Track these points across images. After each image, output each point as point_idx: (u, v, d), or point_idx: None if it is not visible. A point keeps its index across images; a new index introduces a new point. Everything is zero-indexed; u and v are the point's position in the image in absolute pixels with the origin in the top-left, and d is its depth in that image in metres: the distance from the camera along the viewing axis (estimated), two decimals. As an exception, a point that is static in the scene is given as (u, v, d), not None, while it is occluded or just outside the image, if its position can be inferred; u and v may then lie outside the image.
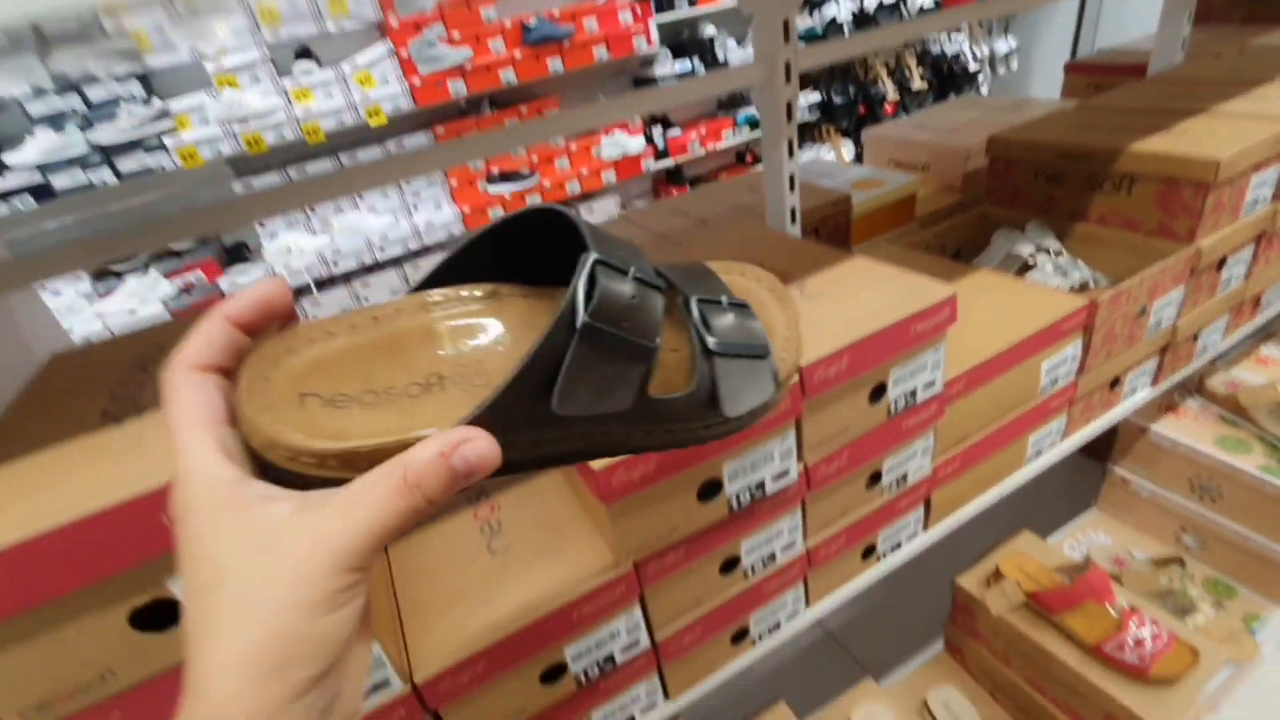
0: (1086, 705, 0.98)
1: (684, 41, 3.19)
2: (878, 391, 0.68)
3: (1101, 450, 1.48)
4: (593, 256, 0.26)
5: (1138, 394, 1.07)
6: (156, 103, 2.46)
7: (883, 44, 1.07)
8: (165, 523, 0.38)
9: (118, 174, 2.48)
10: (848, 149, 3.52)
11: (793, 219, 1.11)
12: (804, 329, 0.64)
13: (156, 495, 0.38)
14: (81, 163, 2.43)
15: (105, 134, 2.40)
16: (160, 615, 0.42)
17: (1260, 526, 1.19)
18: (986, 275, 0.96)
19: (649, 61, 3.15)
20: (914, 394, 0.71)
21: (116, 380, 0.51)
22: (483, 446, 0.24)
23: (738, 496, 0.62)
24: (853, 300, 0.67)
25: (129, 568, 0.39)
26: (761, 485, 0.63)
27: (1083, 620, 1.01)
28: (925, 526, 0.89)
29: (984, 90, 3.81)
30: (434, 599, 0.61)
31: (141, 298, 2.67)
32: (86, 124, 2.42)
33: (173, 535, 0.23)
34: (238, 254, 2.88)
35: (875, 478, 0.76)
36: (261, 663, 0.21)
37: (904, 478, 0.79)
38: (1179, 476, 1.28)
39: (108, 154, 2.45)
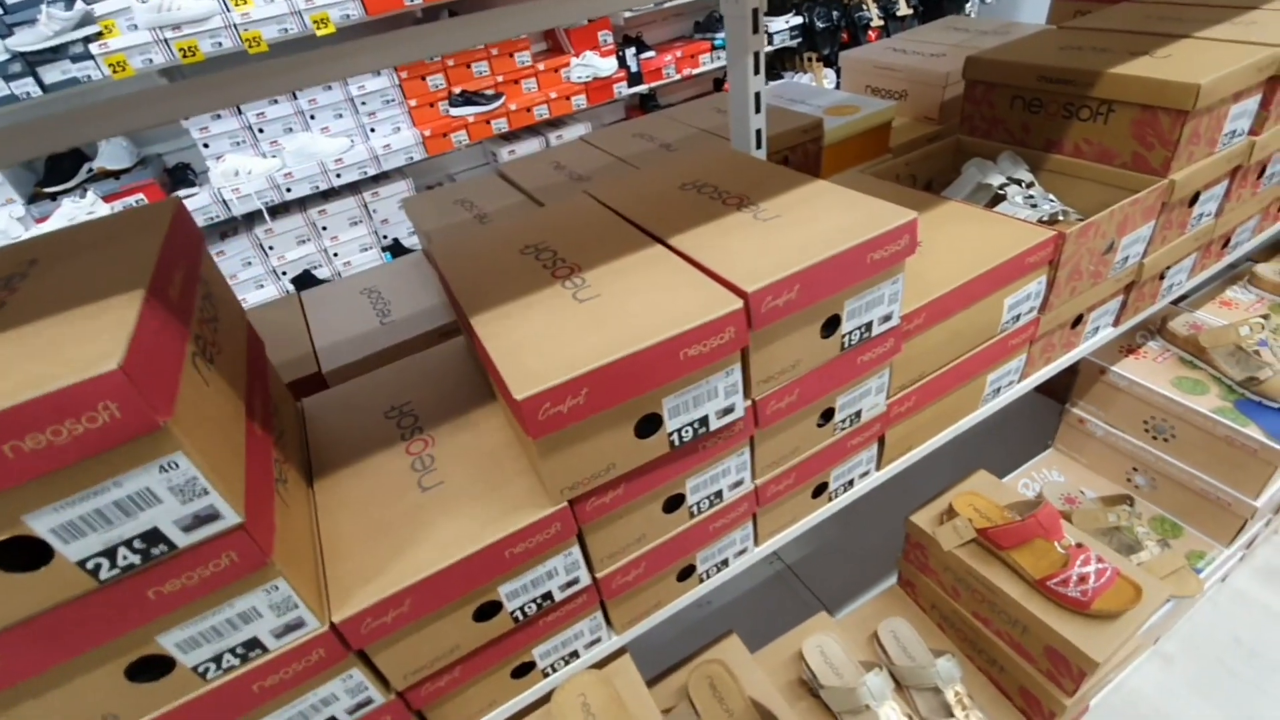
0: (1028, 637, 1.00)
1: (660, -46, 2.97)
2: (831, 324, 0.65)
3: (1060, 392, 1.49)
4: None
5: (1099, 334, 1.06)
6: (80, 6, 2.24)
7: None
8: (7, 453, 0.33)
9: (42, 85, 2.28)
10: (829, 79, 3.39)
11: (759, 143, 1.05)
12: (755, 255, 0.60)
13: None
14: (2, 72, 2.23)
15: (25, 40, 2.19)
16: (24, 554, 0.38)
17: (1209, 468, 1.21)
18: (955, 206, 0.92)
19: (622, -24, 2.94)
20: (869, 327, 0.68)
21: (-27, 298, 0.45)
22: None
23: (679, 433, 0.59)
24: (809, 224, 0.63)
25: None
26: (705, 421, 0.60)
27: (1030, 556, 1.03)
28: (878, 466, 0.87)
29: (972, 14, 3.67)
30: (358, 535, 0.58)
31: (78, 222, 2.51)
32: (5, 30, 2.20)
33: None
34: (182, 176, 2.70)
35: (827, 415, 0.74)
36: None
37: (857, 415, 0.77)
38: (1134, 417, 1.29)
39: (29, 62, 2.24)
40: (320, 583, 0.54)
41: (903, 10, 3.40)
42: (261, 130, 2.65)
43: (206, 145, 2.61)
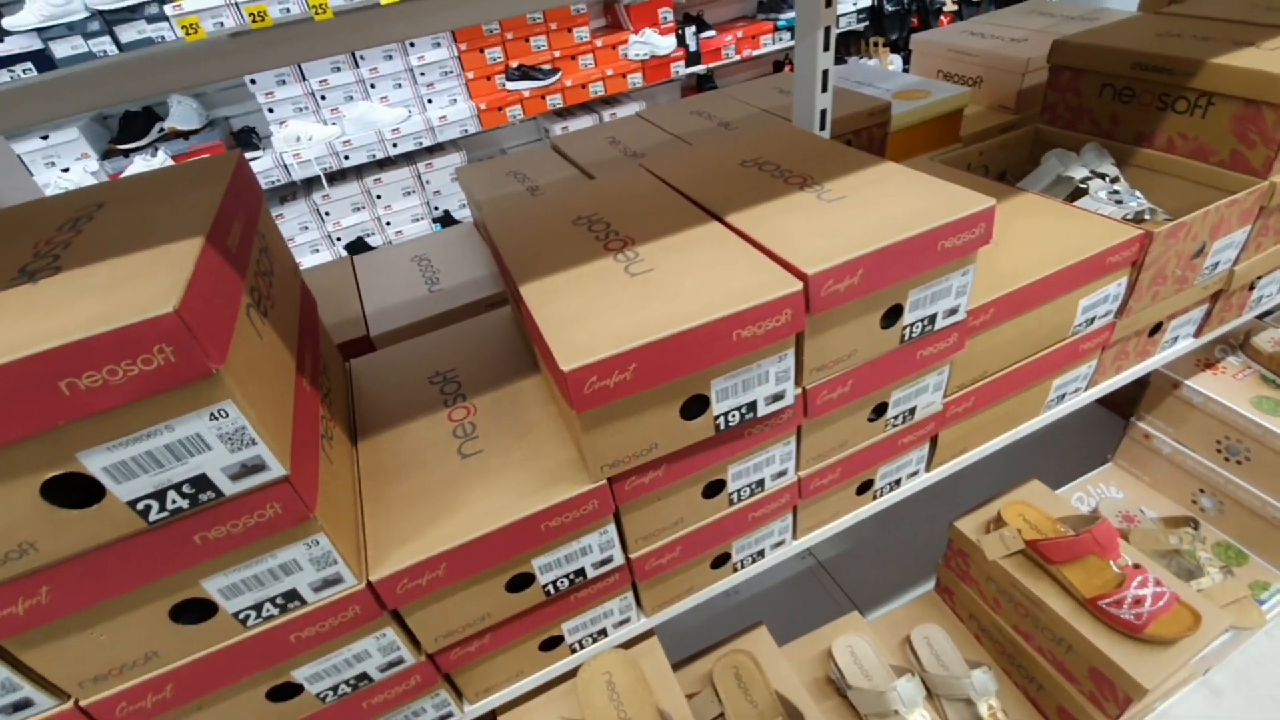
0: (1072, 656, 0.96)
1: (727, -69, 2.89)
2: (892, 314, 0.61)
3: (1123, 405, 1.41)
4: None
5: (1178, 344, 0.99)
6: (157, -34, 2.30)
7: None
8: (64, 390, 0.34)
9: (118, 44, 2.36)
10: (895, 65, 3.26)
11: (822, 124, 1.01)
12: (817, 236, 0.57)
13: (53, 355, 0.33)
14: (81, 30, 2.32)
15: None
16: (77, 491, 0.39)
17: (1284, 492, 1.13)
18: (1032, 198, 0.86)
19: (687, -49, 2.88)
20: (933, 320, 0.64)
21: (45, 237, 0.46)
22: None
23: (726, 417, 0.57)
24: (876, 207, 0.59)
25: (26, 435, 0.35)
26: (753, 406, 0.58)
27: (1081, 573, 0.98)
28: (928, 467, 0.84)
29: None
30: (398, 497, 0.58)
31: (149, 181, 2.61)
32: (85, -13, 2.28)
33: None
34: (246, 140, 2.78)
35: (880, 409, 0.71)
36: None
37: (911, 412, 0.73)
38: (1206, 436, 1.21)
39: (108, 21, 2.32)
40: (360, 541, 0.55)
41: (979, -6, 3.24)
42: (324, 97, 2.70)
43: (271, 110, 2.67)
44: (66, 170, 2.56)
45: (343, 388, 0.71)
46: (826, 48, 0.92)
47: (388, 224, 2.98)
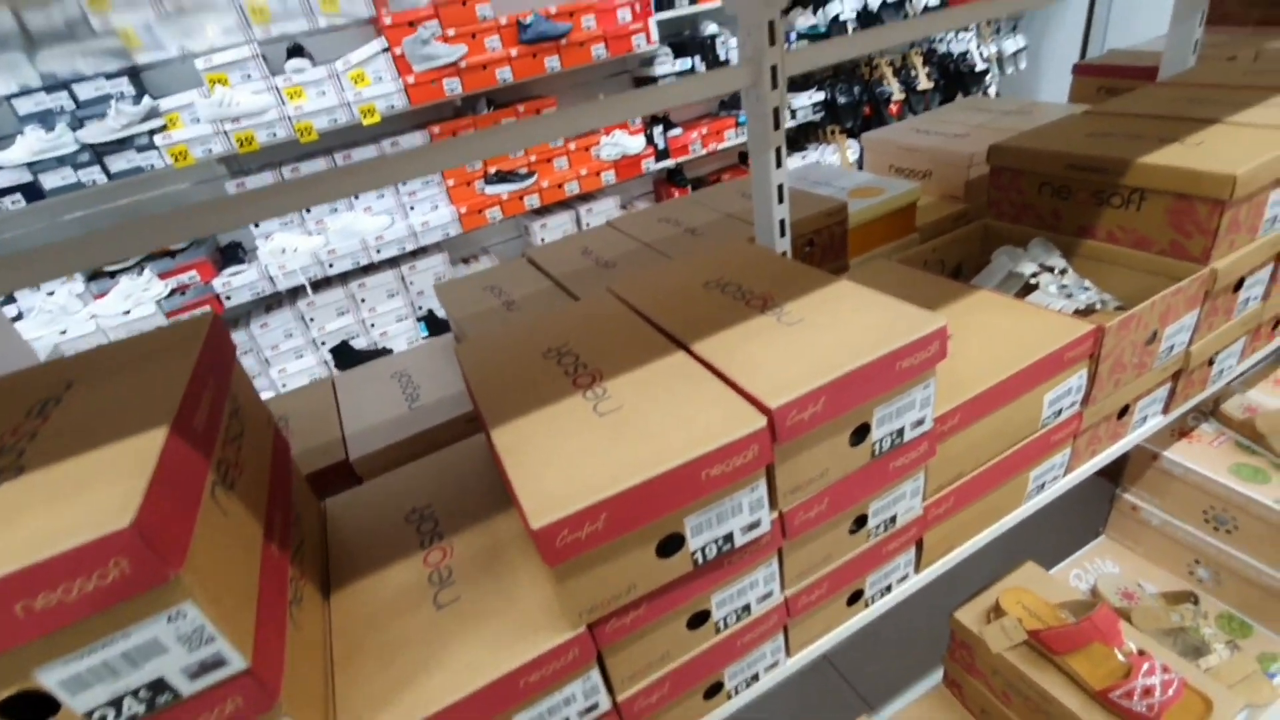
0: (1089, 754, 0.92)
1: (685, 40, 3.12)
2: (860, 432, 0.62)
3: (1112, 469, 1.41)
4: None
5: (1148, 422, 1.01)
6: (147, 101, 2.42)
7: (880, 45, 1.01)
8: (19, 612, 0.33)
9: (108, 173, 2.45)
10: (853, 150, 3.45)
11: (782, 231, 1.05)
12: (779, 364, 0.59)
13: (9, 580, 0.33)
14: (71, 162, 2.40)
15: (95, 132, 2.37)
16: (30, 705, 0.37)
17: (1277, 561, 1.12)
18: (986, 296, 0.90)
19: (649, 60, 3.09)
20: (901, 433, 0.65)
21: (12, 426, 0.46)
22: None
23: (703, 551, 0.57)
24: (834, 329, 0.62)
25: (-25, 663, 0.34)
26: (730, 538, 0.58)
27: (1087, 663, 0.95)
28: (917, 569, 0.83)
29: (992, 90, 3.73)
30: (372, 655, 0.56)
31: (135, 299, 2.65)
32: (76, 123, 2.38)
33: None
34: (232, 254, 2.85)
35: (860, 521, 0.71)
36: None
37: (892, 520, 0.73)
38: (1192, 506, 1.22)
39: (98, 153, 2.42)
40: (329, 713, 0.52)
41: (923, 84, 3.47)
42: (308, 210, 2.79)
43: (256, 224, 2.74)
44: (51, 294, 2.59)
45: (317, 533, 0.70)
46: (779, 165, 0.98)
47: (372, 325, 3.02)
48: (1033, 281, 0.94)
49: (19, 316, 2.58)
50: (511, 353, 0.71)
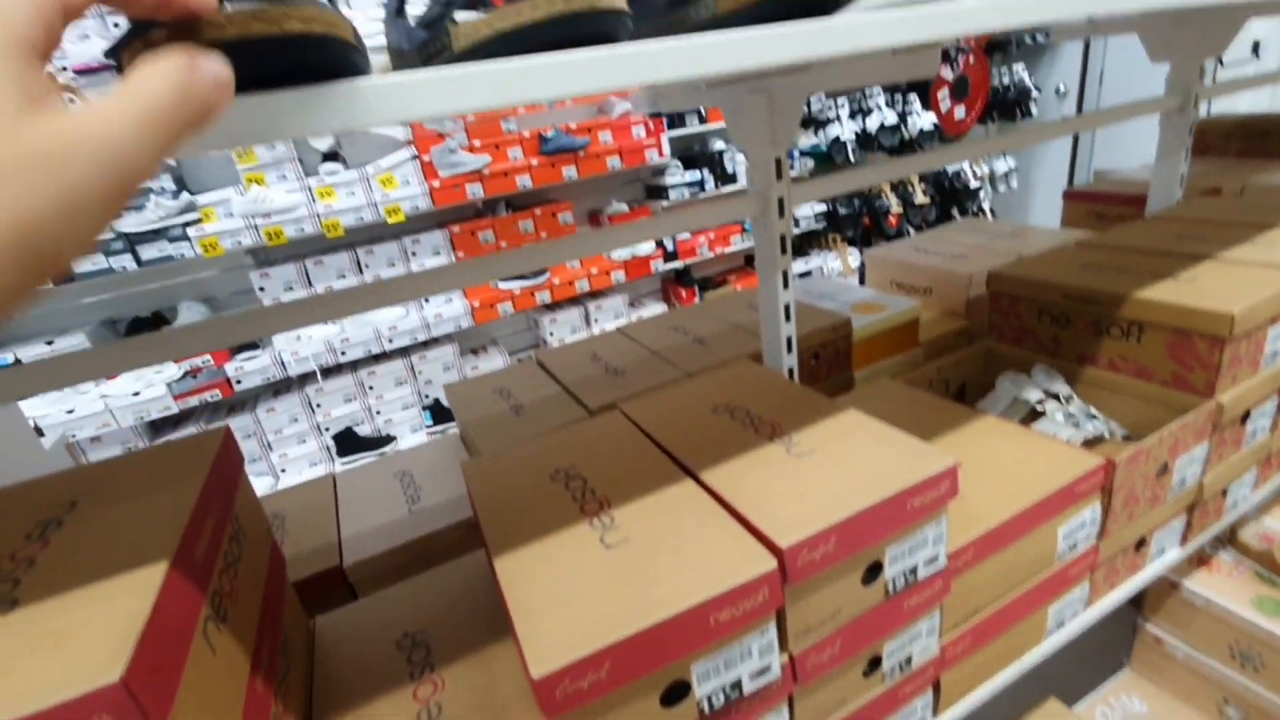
0: None
1: (695, 154, 3.31)
2: (873, 570, 0.61)
3: (1134, 595, 1.36)
4: None
5: (1166, 554, 0.98)
6: (185, 196, 2.56)
7: (881, 178, 1.07)
8: (-13, 771, 0.31)
9: (138, 260, 2.54)
10: (853, 257, 3.57)
11: (789, 348, 1.07)
12: (789, 499, 0.58)
13: (-18, 737, 0.31)
14: (105, 249, 2.50)
15: (132, 223, 2.48)
16: None
17: (1317, 708, 1.05)
18: (992, 423, 0.90)
19: (660, 171, 3.26)
20: (914, 571, 0.64)
21: (10, 550, 0.46)
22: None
23: (709, 699, 0.54)
24: (844, 464, 0.61)
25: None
26: (738, 685, 0.55)
27: (1121, 825, 0.87)
28: (935, 712, 0.78)
29: (985, 204, 3.90)
30: (351, 807, 0.52)
31: (147, 380, 2.67)
32: (114, 214, 2.50)
33: None
34: (251, 341, 2.89)
35: (875, 663, 0.67)
36: None
37: (908, 660, 0.70)
38: (1217, 640, 1.16)
39: (131, 241, 2.52)
40: None
41: (919, 199, 3.65)
42: (324, 300, 2.86)
43: (272, 313, 2.81)
44: (64, 373, 2.62)
45: (304, 658, 0.67)
46: (786, 286, 1.01)
47: (378, 413, 3.03)
48: (1038, 408, 0.94)
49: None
50: (519, 473, 0.71)
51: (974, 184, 3.79)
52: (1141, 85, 3.71)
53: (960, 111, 3.64)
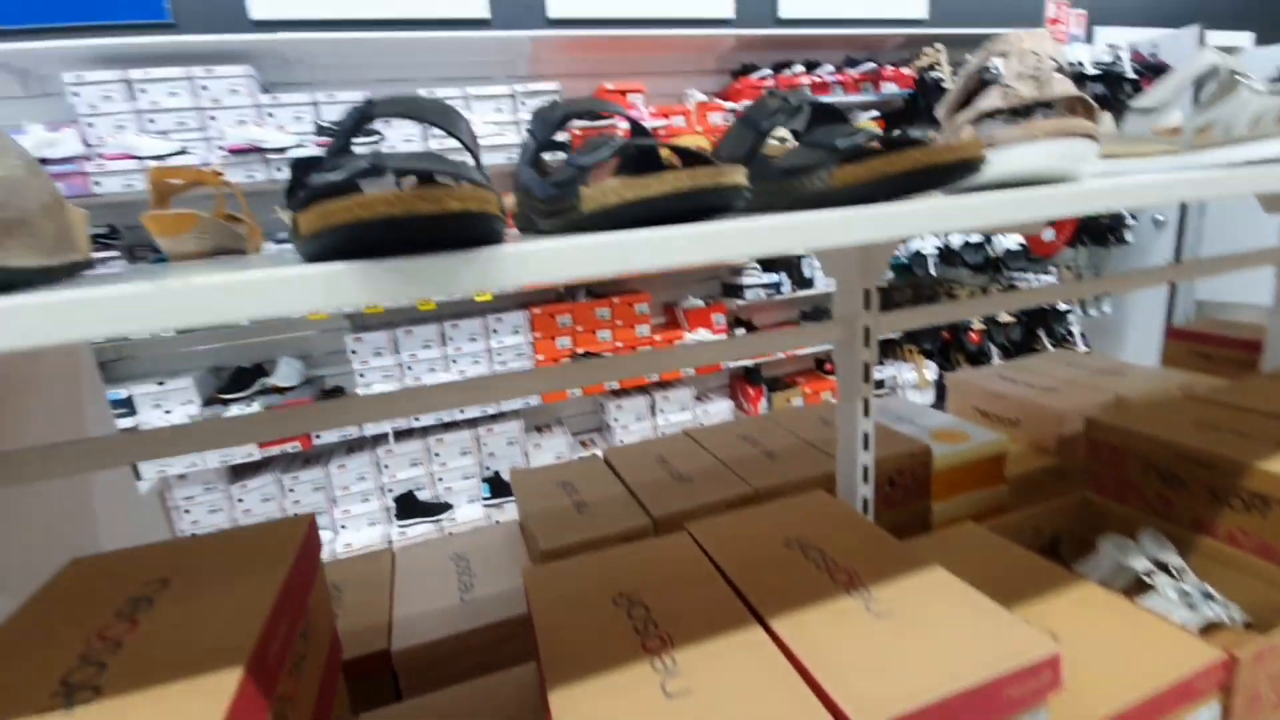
0: None
1: (773, 258, 3.37)
2: (956, 761, 0.55)
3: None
4: None
5: (1305, 772, 0.84)
6: (298, 262, 2.79)
7: (972, 314, 1.05)
8: None
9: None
10: (930, 370, 3.47)
11: (865, 477, 1.03)
12: (868, 672, 0.54)
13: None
14: (222, 304, 2.74)
15: (249, 283, 2.72)
16: None
17: None
18: (1094, 592, 0.82)
19: (738, 270, 3.33)
20: (1003, 766, 0.57)
21: (99, 626, 0.48)
22: None
23: None
24: (928, 634, 0.57)
25: None
26: None
27: None
28: None
29: (1075, 328, 3.74)
30: None
31: (234, 426, 2.83)
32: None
33: None
34: (334, 397, 3.06)
35: None
36: None
37: None
38: None
39: (245, 299, 2.75)
40: None
41: (1004, 317, 3.54)
42: (410, 368, 3.01)
43: (362, 375, 2.97)
44: (169, 412, 2.83)
45: (345, 760, 0.66)
46: (866, 414, 0.99)
47: (440, 479, 3.08)
48: (1145, 579, 0.86)
49: (134, 430, 2.80)
50: (580, 588, 0.69)
51: (1063, 305, 3.66)
52: (1247, 218, 3.55)
53: (1049, 233, 3.58)
